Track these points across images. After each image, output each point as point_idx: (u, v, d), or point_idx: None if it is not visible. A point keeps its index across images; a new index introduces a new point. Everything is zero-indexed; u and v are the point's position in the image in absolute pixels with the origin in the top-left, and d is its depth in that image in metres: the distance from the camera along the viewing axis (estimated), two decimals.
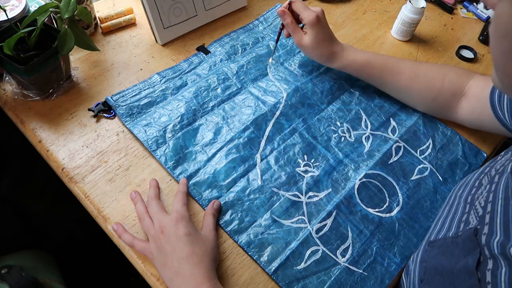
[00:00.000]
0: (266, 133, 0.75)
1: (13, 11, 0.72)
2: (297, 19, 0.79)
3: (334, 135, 0.77)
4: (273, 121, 0.77)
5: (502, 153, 0.61)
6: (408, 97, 0.81)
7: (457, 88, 0.75)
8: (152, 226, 0.59)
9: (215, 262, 0.59)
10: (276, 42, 0.84)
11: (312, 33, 0.76)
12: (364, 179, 0.72)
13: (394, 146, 0.78)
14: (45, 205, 1.03)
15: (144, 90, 0.78)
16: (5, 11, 0.67)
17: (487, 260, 0.43)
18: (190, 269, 0.54)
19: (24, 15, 0.72)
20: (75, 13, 0.68)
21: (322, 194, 0.69)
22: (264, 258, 0.61)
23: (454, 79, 0.76)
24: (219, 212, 0.65)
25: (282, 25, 0.81)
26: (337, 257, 0.63)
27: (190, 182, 0.67)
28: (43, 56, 0.67)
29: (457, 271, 0.47)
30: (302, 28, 0.79)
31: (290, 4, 0.78)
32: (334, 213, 0.67)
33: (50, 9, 0.67)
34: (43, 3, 0.78)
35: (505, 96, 0.66)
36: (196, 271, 0.55)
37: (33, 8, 0.77)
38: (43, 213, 1.02)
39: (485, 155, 0.79)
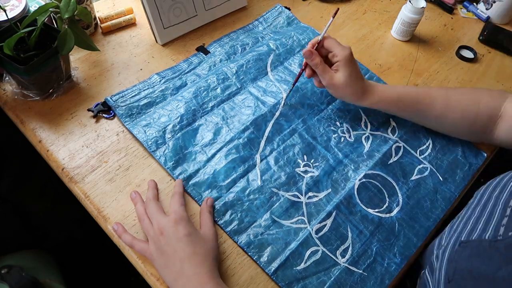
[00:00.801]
0: (266, 134, 0.75)
1: (13, 11, 0.72)
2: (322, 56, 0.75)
3: (333, 135, 0.77)
4: (272, 121, 0.77)
5: None
6: (443, 127, 0.79)
7: (493, 111, 0.73)
8: (151, 227, 0.59)
9: (217, 260, 0.59)
10: (293, 85, 0.79)
11: (346, 71, 0.72)
12: (364, 179, 0.72)
13: (394, 146, 0.78)
14: (45, 205, 1.03)
15: (144, 90, 0.78)
16: (5, 11, 0.67)
17: None
18: (193, 269, 0.55)
19: (24, 15, 0.72)
20: (75, 13, 0.68)
21: (322, 195, 0.69)
22: (264, 258, 0.61)
23: (489, 103, 0.73)
24: (214, 208, 0.65)
25: (305, 65, 0.76)
26: (337, 257, 0.63)
27: (190, 183, 0.67)
28: (43, 56, 0.67)
29: (499, 278, 0.45)
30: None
31: (318, 42, 0.73)
32: (334, 214, 0.67)
33: (50, 9, 0.67)
34: (43, 3, 0.78)
35: None
36: (199, 270, 0.55)
37: (33, 8, 0.77)
38: (43, 213, 1.02)
39: (485, 155, 0.79)
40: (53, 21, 0.78)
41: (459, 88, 0.80)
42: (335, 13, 0.72)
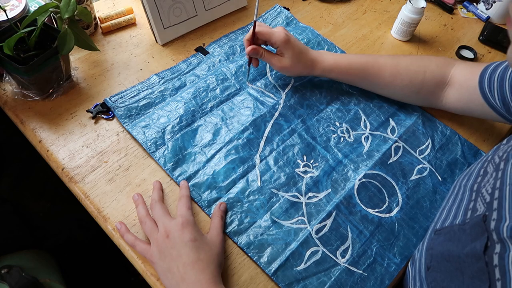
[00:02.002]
0: (265, 134, 0.75)
1: (13, 11, 0.72)
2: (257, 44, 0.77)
3: (333, 136, 0.77)
4: (272, 122, 0.77)
5: (504, 141, 0.62)
6: (392, 93, 0.82)
7: (439, 78, 0.77)
8: (155, 230, 0.59)
9: (221, 267, 0.58)
10: (248, 69, 0.82)
11: (288, 52, 0.75)
12: (364, 179, 0.72)
13: (394, 146, 0.78)
14: (45, 205, 1.03)
15: (143, 91, 0.78)
16: (5, 11, 0.67)
17: (494, 245, 0.44)
18: (195, 275, 0.54)
19: (24, 15, 0.72)
20: (75, 13, 0.68)
21: (321, 195, 0.69)
22: (264, 259, 0.61)
23: (435, 71, 0.77)
24: (226, 214, 0.65)
25: (249, 59, 0.79)
26: (337, 257, 0.63)
27: (189, 183, 0.67)
28: (43, 56, 0.67)
29: (464, 256, 0.48)
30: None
31: (253, 35, 0.75)
32: (333, 214, 0.67)
33: (50, 9, 0.67)
34: (43, 3, 0.78)
35: (495, 81, 0.69)
36: (201, 277, 0.54)
37: (33, 8, 0.77)
38: (43, 213, 1.02)
39: (484, 154, 0.79)
40: (53, 21, 0.78)
41: (408, 56, 0.84)
42: None
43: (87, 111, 0.74)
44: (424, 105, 0.84)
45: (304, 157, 0.73)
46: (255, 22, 0.73)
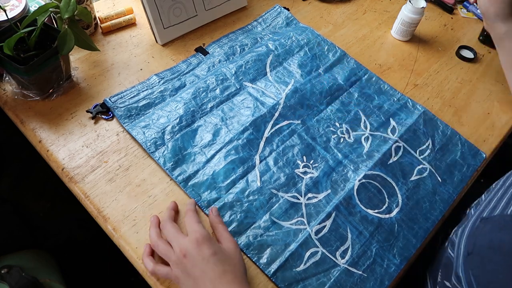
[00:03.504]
0: (265, 135, 0.75)
1: (13, 11, 0.72)
2: None
3: (333, 136, 0.77)
4: (272, 122, 0.77)
5: None
6: None
7: None
8: (171, 251, 0.56)
9: (246, 274, 0.57)
10: None
11: None
12: (364, 180, 0.72)
13: (394, 146, 0.78)
14: (45, 205, 1.03)
15: (143, 91, 0.78)
16: (5, 11, 0.67)
17: None
18: (226, 286, 0.53)
19: (24, 15, 0.72)
20: (75, 13, 0.68)
21: (321, 195, 0.69)
22: (264, 260, 0.61)
23: None
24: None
25: None
26: (336, 258, 0.63)
27: (189, 184, 0.67)
28: (43, 56, 0.67)
29: None
30: None
31: None
32: (333, 214, 0.67)
33: (50, 9, 0.67)
34: (43, 3, 0.78)
35: None
36: (233, 286, 0.53)
37: (33, 8, 0.77)
38: (43, 213, 1.03)
39: (484, 155, 0.79)
40: (53, 21, 0.78)
41: None
42: None
43: (87, 111, 0.74)
44: None
45: (304, 157, 0.73)
46: None
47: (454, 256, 0.60)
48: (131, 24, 0.91)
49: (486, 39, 1.03)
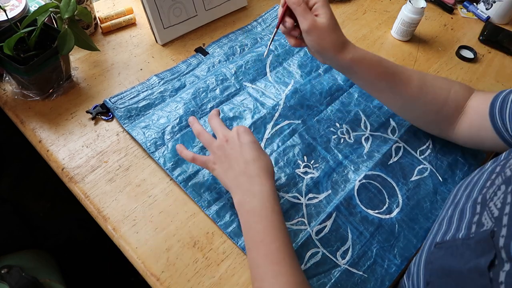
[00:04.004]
0: (266, 135, 0.75)
1: (13, 11, 0.72)
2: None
3: (333, 137, 0.77)
4: (272, 122, 0.77)
5: (505, 153, 0.59)
6: (411, 109, 0.74)
7: (460, 101, 0.70)
8: (213, 139, 0.64)
9: (273, 166, 0.63)
10: (270, 43, 0.71)
11: (327, 12, 0.64)
12: (364, 180, 0.72)
13: (394, 146, 0.78)
14: (45, 205, 1.03)
15: (143, 92, 0.78)
16: (5, 11, 0.67)
17: (503, 263, 0.42)
18: (256, 171, 0.59)
19: (24, 15, 0.72)
20: (75, 13, 0.68)
21: (321, 196, 0.69)
22: None
23: (460, 92, 0.71)
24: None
25: (283, 13, 0.66)
26: (337, 259, 0.63)
27: (189, 184, 0.67)
28: (43, 56, 0.67)
29: (466, 271, 0.46)
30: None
31: None
32: (334, 215, 0.67)
33: (50, 9, 0.67)
34: (43, 3, 0.78)
35: (507, 109, 0.63)
36: (262, 173, 0.59)
37: (33, 8, 0.77)
38: (43, 213, 1.03)
39: (484, 155, 0.80)
40: (53, 21, 0.78)
41: (432, 74, 0.76)
42: None
43: (87, 112, 0.74)
44: (436, 132, 0.77)
45: (305, 157, 0.73)
46: None
47: (409, 286, 0.58)
48: (131, 24, 0.91)
49: (486, 39, 1.03)
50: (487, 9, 1.11)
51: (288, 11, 0.66)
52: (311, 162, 0.73)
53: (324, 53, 0.67)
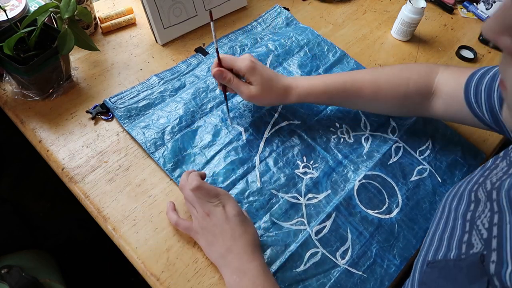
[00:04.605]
0: (265, 135, 0.75)
1: (13, 11, 0.72)
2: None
3: (333, 137, 0.77)
4: (272, 122, 0.77)
5: (491, 160, 0.57)
6: (375, 109, 0.78)
7: (424, 88, 0.72)
8: (194, 209, 0.60)
9: (258, 236, 0.61)
10: (227, 105, 0.75)
11: (256, 79, 0.68)
12: (364, 180, 0.72)
13: (394, 146, 0.78)
14: (45, 205, 1.03)
15: (142, 92, 0.78)
16: (5, 11, 0.67)
17: None
18: (243, 247, 0.56)
19: (24, 15, 0.72)
20: (75, 13, 0.68)
21: (321, 196, 0.69)
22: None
23: (418, 81, 0.72)
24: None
25: (223, 86, 0.72)
26: (336, 259, 0.63)
27: None
28: (43, 56, 0.67)
29: None
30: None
31: (220, 61, 0.68)
32: (333, 215, 0.67)
33: (50, 9, 0.67)
34: (43, 3, 0.78)
35: (482, 92, 0.64)
36: (250, 249, 0.57)
37: (33, 8, 0.77)
38: (43, 213, 1.03)
39: (484, 156, 0.80)
40: (53, 21, 0.78)
41: (388, 67, 0.77)
42: (211, 16, 0.64)
43: (87, 112, 0.74)
44: (414, 115, 0.80)
45: (304, 158, 0.73)
46: (217, 49, 0.67)
47: None
48: (131, 24, 0.91)
49: (486, 39, 1.03)
50: (487, 9, 1.11)
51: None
52: (311, 163, 0.73)
53: (271, 105, 0.77)
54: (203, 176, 0.64)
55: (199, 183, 0.58)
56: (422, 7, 0.93)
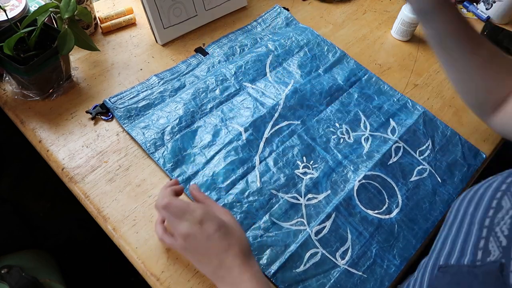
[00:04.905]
0: (265, 135, 0.75)
1: (13, 11, 0.72)
2: None
3: (333, 137, 0.77)
4: (271, 122, 0.77)
5: None
6: (477, 81, 0.67)
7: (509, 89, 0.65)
8: (172, 240, 0.57)
9: (248, 243, 0.57)
10: None
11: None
12: (364, 181, 0.72)
13: (394, 146, 0.78)
14: (45, 205, 1.03)
15: (142, 92, 0.78)
16: (5, 11, 0.67)
17: None
18: (231, 261, 0.53)
19: (24, 15, 0.72)
20: (75, 13, 0.68)
21: (321, 196, 0.69)
22: (263, 261, 0.61)
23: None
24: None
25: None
26: (336, 259, 0.63)
27: (189, 184, 0.67)
28: (43, 56, 0.67)
29: None
30: None
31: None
32: (333, 215, 0.67)
33: (50, 9, 0.67)
34: (43, 3, 0.78)
35: None
36: (238, 262, 0.54)
37: (33, 8, 0.77)
38: (43, 213, 1.03)
39: (484, 156, 0.79)
40: (53, 21, 0.78)
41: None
42: None
43: (87, 112, 0.74)
44: (479, 112, 0.70)
45: (304, 158, 0.73)
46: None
47: None
48: (131, 24, 0.91)
49: (486, 38, 1.03)
50: (487, 9, 1.11)
51: None
52: (310, 163, 0.73)
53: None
54: (179, 192, 0.59)
55: (168, 200, 0.55)
56: None
